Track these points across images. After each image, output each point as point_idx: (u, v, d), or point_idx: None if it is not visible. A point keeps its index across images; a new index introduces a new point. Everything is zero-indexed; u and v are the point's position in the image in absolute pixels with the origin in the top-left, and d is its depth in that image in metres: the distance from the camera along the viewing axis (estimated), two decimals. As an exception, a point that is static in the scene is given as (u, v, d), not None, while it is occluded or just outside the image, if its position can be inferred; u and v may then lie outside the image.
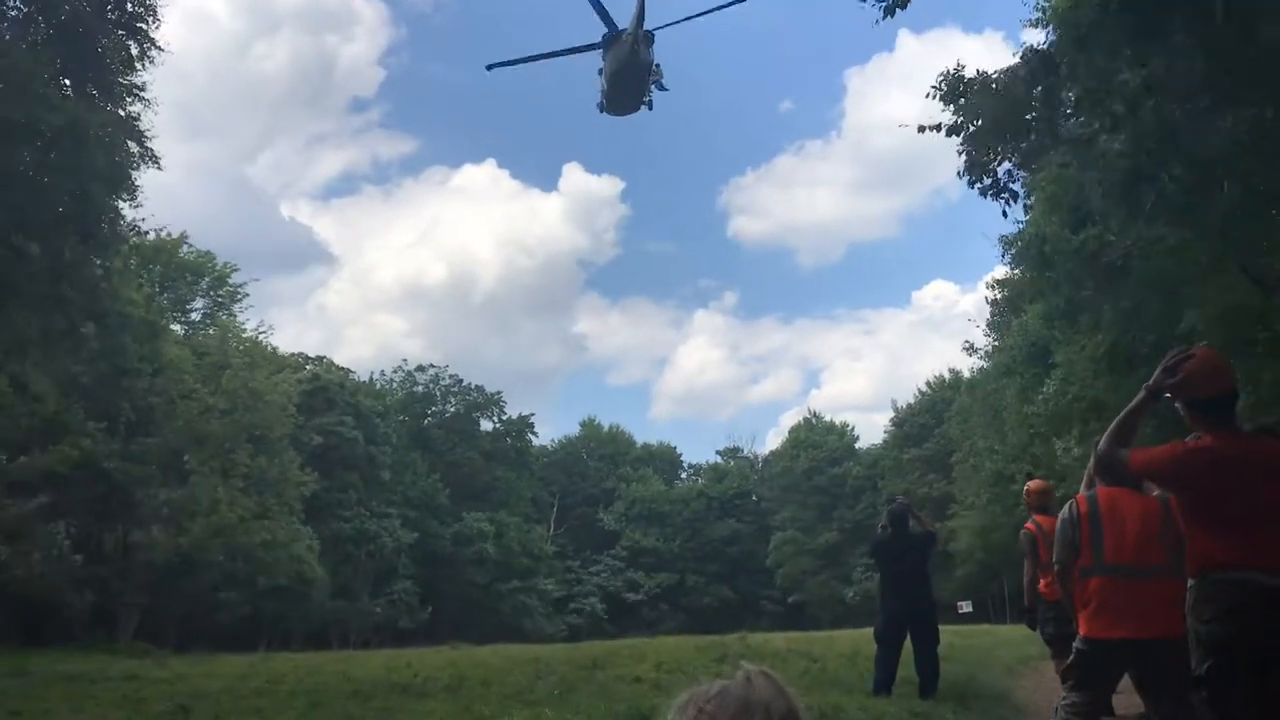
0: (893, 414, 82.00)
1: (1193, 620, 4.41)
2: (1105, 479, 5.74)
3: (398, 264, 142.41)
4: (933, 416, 74.72)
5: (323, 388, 61.19)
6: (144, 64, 22.33)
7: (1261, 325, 17.99)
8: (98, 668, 22.71)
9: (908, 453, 76.09)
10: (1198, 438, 4.53)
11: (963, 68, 15.29)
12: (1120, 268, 18.12)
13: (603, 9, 22.59)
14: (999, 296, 50.14)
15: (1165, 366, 4.56)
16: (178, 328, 48.43)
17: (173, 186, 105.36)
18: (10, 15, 20.77)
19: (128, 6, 21.62)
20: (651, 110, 24.67)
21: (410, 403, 79.43)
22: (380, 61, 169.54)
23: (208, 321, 52.64)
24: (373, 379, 77.34)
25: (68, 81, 21.24)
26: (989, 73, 15.11)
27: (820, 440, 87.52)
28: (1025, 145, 15.18)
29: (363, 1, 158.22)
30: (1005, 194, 16.05)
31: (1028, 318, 34.88)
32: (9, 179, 19.68)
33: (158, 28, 22.31)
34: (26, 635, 33.08)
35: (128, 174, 22.28)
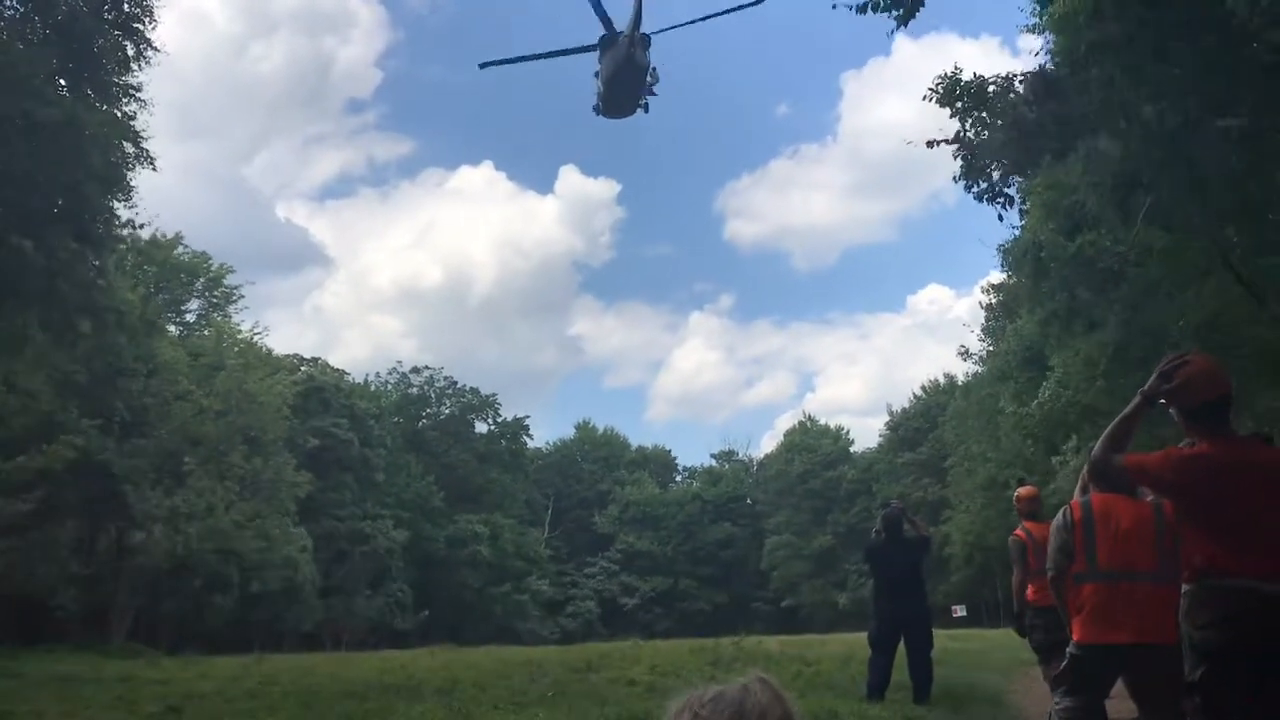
0: (887, 418, 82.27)
1: (1187, 626, 4.40)
2: (1099, 485, 5.76)
3: (394, 266, 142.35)
4: (927, 421, 74.76)
5: (318, 389, 61.14)
6: (140, 64, 22.27)
7: (1251, 329, 18.03)
8: (90, 669, 22.68)
9: (902, 457, 76.20)
10: (1193, 443, 4.53)
11: (960, 71, 15.35)
12: (1115, 273, 18.14)
13: (603, 11, 22.57)
14: (994, 301, 50.27)
15: (1160, 372, 4.56)
16: (173, 328, 48.29)
17: (168, 187, 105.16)
18: (7, 15, 20.72)
19: (124, 7, 21.56)
20: (648, 113, 24.65)
21: (405, 405, 79.34)
22: (377, 63, 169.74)
23: (203, 322, 52.52)
24: (368, 381, 77.40)
25: (64, 82, 21.19)
26: (985, 77, 15.18)
27: (815, 444, 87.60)
28: (1024, 158, 15.21)
29: (360, 3, 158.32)
30: (1001, 199, 16.09)
31: (1023, 322, 34.94)
32: (4, 175, 19.64)
33: (154, 28, 22.26)
34: (19, 636, 32.97)
35: (123, 174, 22.24)
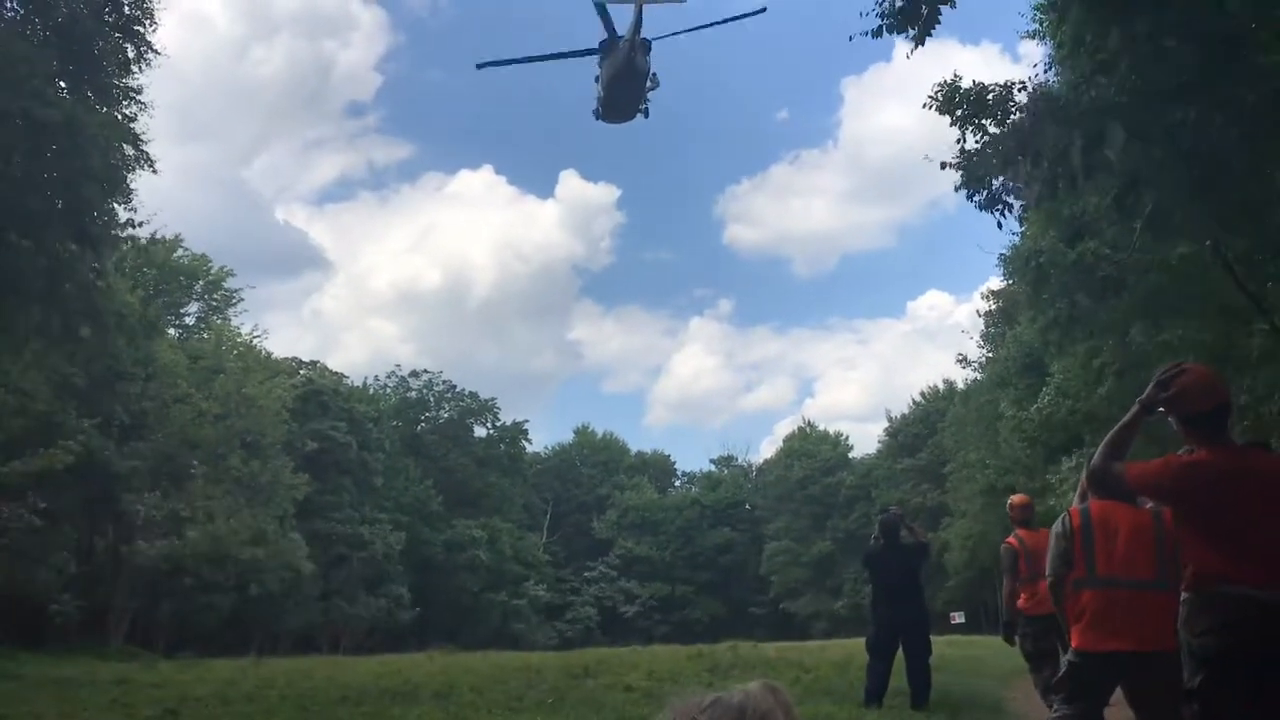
0: (887, 424, 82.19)
1: (1185, 633, 4.40)
2: (1098, 492, 5.75)
3: (393, 269, 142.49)
4: (926, 427, 74.70)
5: (316, 392, 61.07)
6: (140, 67, 22.24)
7: (1249, 334, 18.05)
8: (87, 672, 22.63)
9: (901, 463, 76.12)
10: (1191, 451, 4.53)
11: (959, 79, 15.35)
12: (1116, 280, 18.14)
13: (606, 15, 22.61)
14: (994, 308, 50.32)
15: (1158, 381, 4.56)
16: (172, 331, 48.28)
17: (168, 189, 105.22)
18: (7, 15, 20.71)
19: (125, 9, 21.55)
20: (648, 118, 24.70)
21: (404, 408, 79.31)
22: (378, 67, 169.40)
23: (202, 325, 52.50)
24: (366, 384, 77.40)
25: (64, 84, 21.18)
26: (985, 84, 15.18)
27: (814, 450, 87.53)
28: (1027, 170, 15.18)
29: (361, 7, 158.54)
30: (1000, 206, 16.07)
31: (1022, 329, 34.96)
32: (4, 175, 19.63)
33: (155, 31, 22.23)
34: (16, 638, 32.90)
35: (122, 176, 22.20)
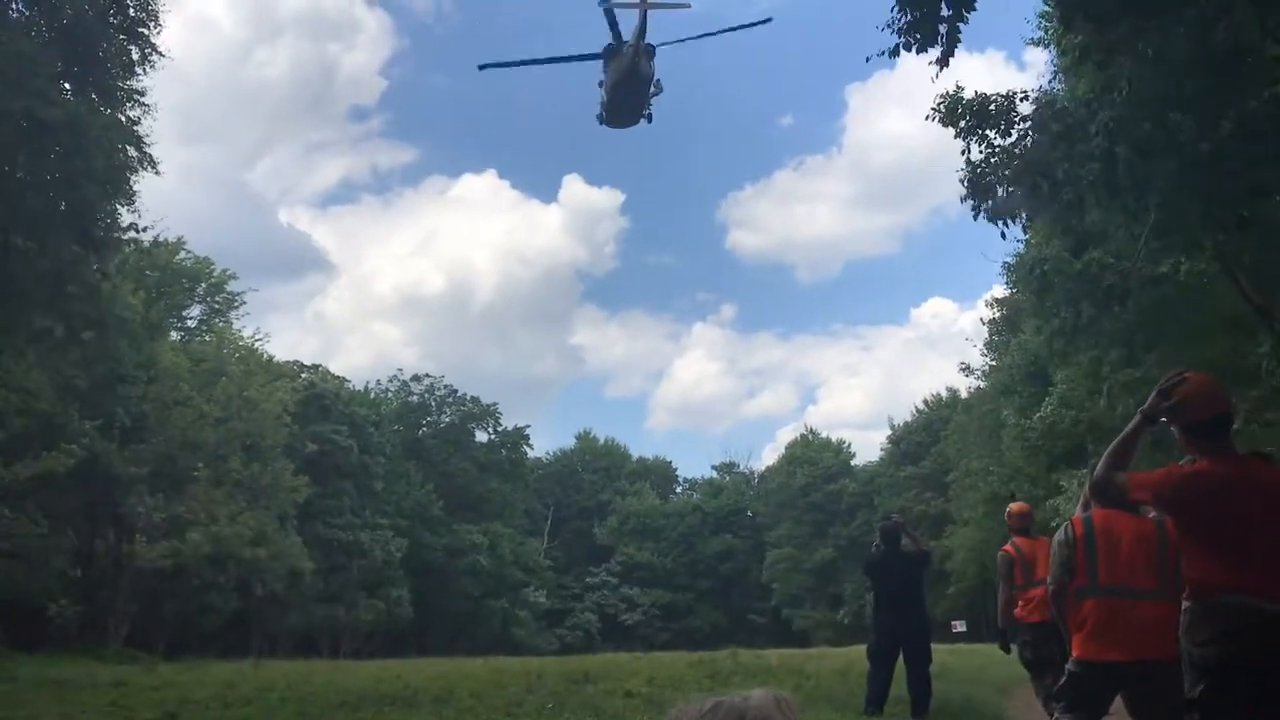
0: (889, 431, 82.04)
1: (1186, 643, 4.39)
2: (1101, 502, 5.75)
3: (396, 273, 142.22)
4: (929, 435, 74.53)
5: (317, 396, 60.98)
6: (145, 68, 22.30)
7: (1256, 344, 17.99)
8: (86, 674, 22.63)
9: (904, 470, 75.98)
10: (1193, 461, 4.52)
11: (961, 90, 15.39)
12: (1121, 290, 18.10)
13: (614, 20, 22.65)
14: (998, 315, 50.31)
15: (1160, 390, 4.56)
16: (174, 334, 48.30)
17: (171, 191, 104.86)
18: (12, 16, 20.75)
19: (130, 11, 21.59)
20: (651, 123, 24.72)
21: (405, 412, 79.19)
22: (382, 71, 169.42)
23: (204, 328, 52.48)
24: (368, 388, 77.19)
25: (68, 85, 21.22)
26: (987, 94, 15.22)
27: (816, 457, 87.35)
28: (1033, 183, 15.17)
29: (365, 11, 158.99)
30: (1005, 216, 16.05)
31: (1026, 337, 34.93)
32: (7, 176, 19.65)
33: (159, 33, 22.28)
34: (15, 641, 32.88)
35: (125, 177, 22.23)
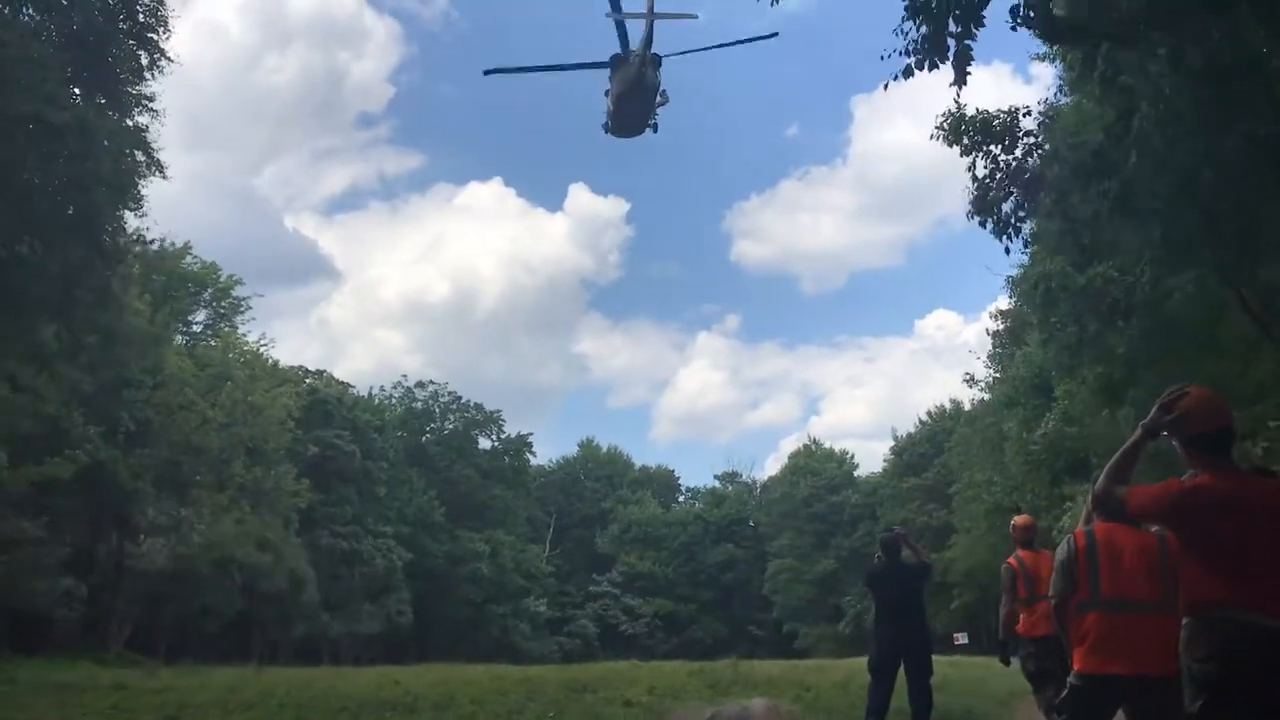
0: (892, 443, 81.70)
1: (1187, 658, 4.38)
2: (1102, 515, 5.75)
3: (401, 279, 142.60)
4: (933, 446, 74.24)
5: (321, 401, 61.05)
6: (154, 74, 22.41)
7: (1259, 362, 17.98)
8: (87, 677, 22.62)
9: (907, 481, 75.69)
10: (1194, 475, 4.52)
11: (964, 106, 15.49)
12: (1125, 306, 18.11)
13: (624, 31, 22.68)
14: (1002, 328, 50.22)
15: (1161, 403, 4.57)
16: (179, 338, 48.36)
17: (178, 196, 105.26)
18: (22, 21, 20.84)
19: (139, 16, 21.70)
20: (657, 133, 24.72)
21: (409, 419, 79.27)
22: (390, 78, 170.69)
23: (209, 333, 52.55)
24: (372, 394, 77.27)
25: (77, 90, 21.30)
26: (990, 111, 15.33)
27: (819, 467, 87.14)
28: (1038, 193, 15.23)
29: (374, 19, 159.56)
30: (1010, 231, 16.10)
31: (1031, 349, 34.89)
32: (17, 181, 19.71)
33: (168, 38, 22.40)
34: (16, 644, 32.89)
35: (134, 183, 22.31)
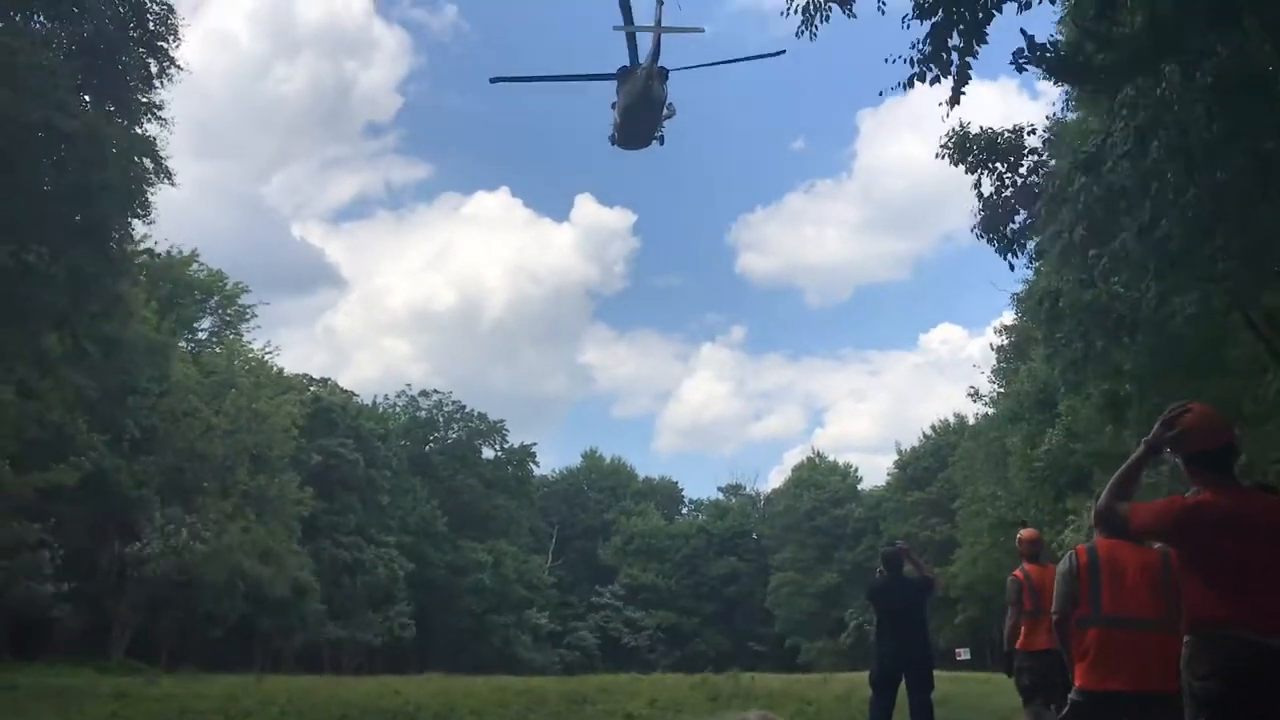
0: (896, 456, 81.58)
1: (1188, 676, 4.37)
2: (1105, 531, 5.74)
3: (407, 288, 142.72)
4: (937, 460, 74.11)
5: (325, 409, 61.01)
6: (163, 82, 22.52)
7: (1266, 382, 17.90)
8: (87, 683, 22.66)
9: (910, 495, 75.51)
10: (1197, 492, 4.52)
11: (968, 125, 15.55)
12: (1130, 322, 18.07)
13: (633, 41, 22.73)
14: (1006, 343, 50.16)
15: (1163, 420, 4.58)
16: (184, 344, 48.44)
17: (186, 203, 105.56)
18: (34, 28, 20.95)
19: (149, 25, 21.81)
20: (663, 145, 24.75)
21: (413, 427, 79.22)
22: (399, 88, 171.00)
23: (214, 340, 52.64)
24: (376, 402, 77.30)
25: (87, 97, 21.40)
26: (995, 129, 15.37)
27: (823, 480, 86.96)
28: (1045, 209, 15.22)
29: (384, 29, 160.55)
30: (1015, 248, 16.11)
31: (1036, 364, 34.81)
32: (26, 190, 19.79)
33: (178, 47, 22.53)
34: (17, 649, 32.90)
35: (143, 190, 22.38)
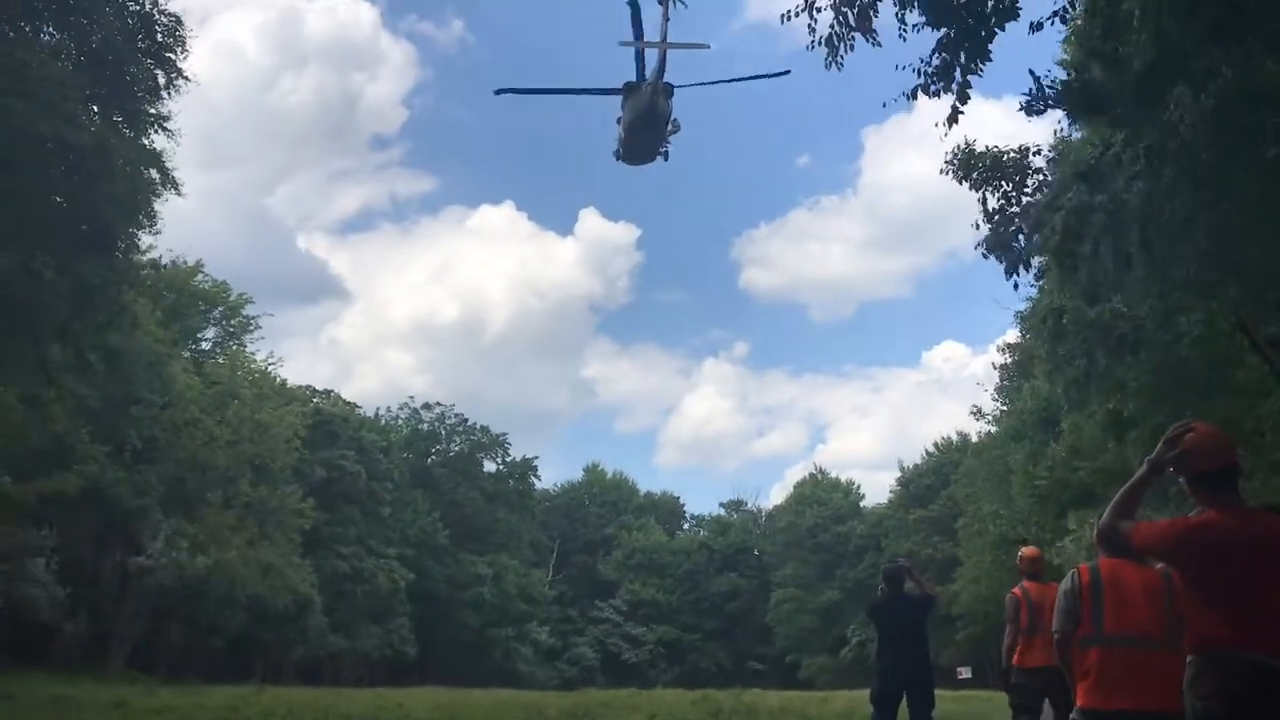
0: (899, 473, 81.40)
1: (1190, 697, 4.37)
2: (1107, 550, 5.72)
3: (411, 301, 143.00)
4: (939, 478, 73.89)
5: (327, 421, 60.99)
6: (170, 93, 22.54)
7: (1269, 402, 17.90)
8: (86, 693, 22.56)
9: (913, 513, 75.28)
10: (1200, 512, 4.51)
11: (973, 142, 15.61)
12: (1133, 340, 18.07)
13: (641, 57, 22.78)
14: (1009, 361, 50.15)
15: (1167, 439, 4.58)
16: (187, 354, 48.49)
17: (191, 213, 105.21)
18: (43, 41, 21.05)
19: (157, 36, 21.86)
20: (668, 161, 24.76)
21: (415, 440, 79.15)
22: (405, 101, 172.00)
23: (218, 350, 52.68)
24: (378, 415, 77.21)
25: (95, 108, 21.47)
26: (1000, 147, 15.43)
27: (825, 497, 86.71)
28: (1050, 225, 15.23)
29: (390, 42, 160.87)
30: (1020, 266, 16.11)
31: (1039, 382, 34.80)
32: (33, 200, 19.84)
33: (186, 58, 22.54)
34: (17, 659, 32.82)
35: (149, 201, 22.42)
